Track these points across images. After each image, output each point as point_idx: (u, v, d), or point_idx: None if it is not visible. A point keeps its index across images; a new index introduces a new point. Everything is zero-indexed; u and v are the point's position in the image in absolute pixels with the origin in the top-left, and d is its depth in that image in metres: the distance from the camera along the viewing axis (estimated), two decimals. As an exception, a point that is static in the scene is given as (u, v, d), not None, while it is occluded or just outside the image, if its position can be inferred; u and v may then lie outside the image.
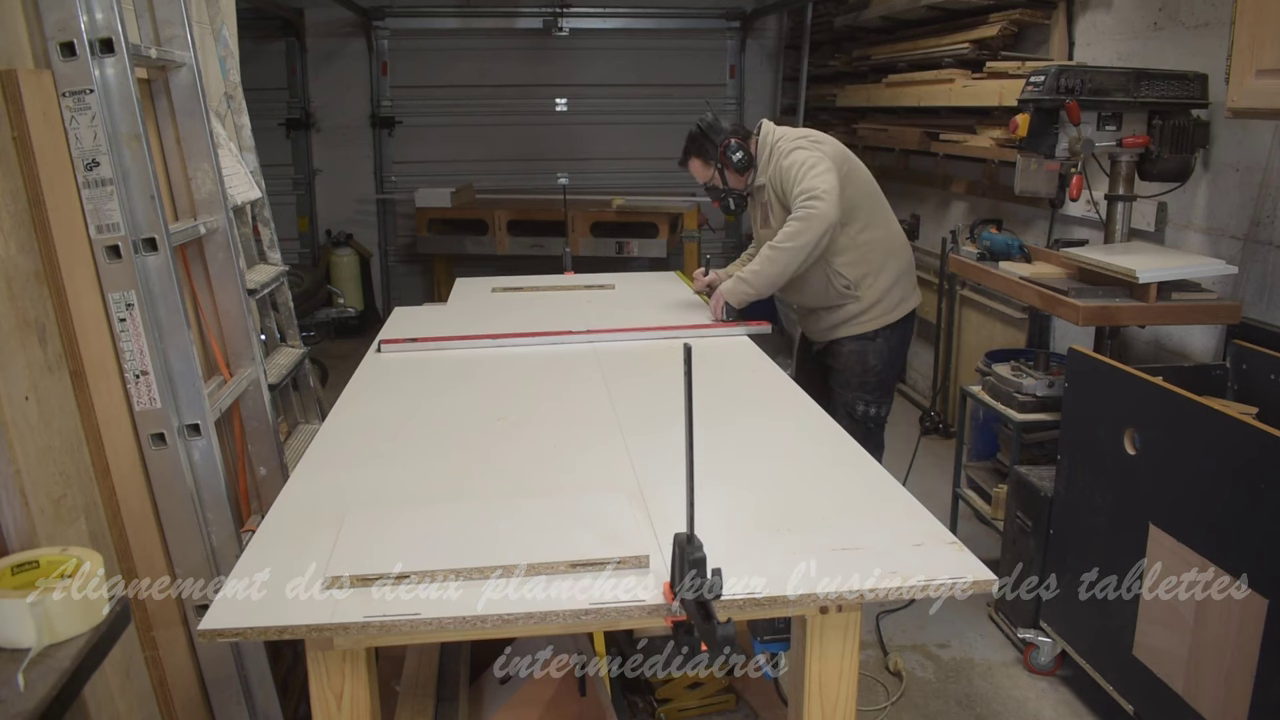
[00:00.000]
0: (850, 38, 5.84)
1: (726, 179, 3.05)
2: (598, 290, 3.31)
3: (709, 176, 3.06)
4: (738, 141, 2.99)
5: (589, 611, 1.30)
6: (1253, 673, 1.93)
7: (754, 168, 3.00)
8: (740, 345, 2.67)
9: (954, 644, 2.97)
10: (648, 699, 2.25)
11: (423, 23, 7.04)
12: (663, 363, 2.48)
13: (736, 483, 1.70)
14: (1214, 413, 2.06)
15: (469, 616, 1.29)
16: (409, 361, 2.56)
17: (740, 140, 3.00)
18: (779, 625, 1.71)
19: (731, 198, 3.08)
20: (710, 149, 3.01)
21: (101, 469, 1.86)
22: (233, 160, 2.55)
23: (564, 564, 1.38)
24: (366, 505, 1.62)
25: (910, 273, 3.08)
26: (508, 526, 1.49)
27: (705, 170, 3.06)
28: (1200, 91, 2.75)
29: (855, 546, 1.45)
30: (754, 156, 3.00)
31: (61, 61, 1.75)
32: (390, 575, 1.35)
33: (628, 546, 1.42)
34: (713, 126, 3.01)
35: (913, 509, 1.59)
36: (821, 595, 1.33)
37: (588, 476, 1.77)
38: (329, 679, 1.37)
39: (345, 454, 1.89)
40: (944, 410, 4.83)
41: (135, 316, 1.85)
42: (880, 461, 2.25)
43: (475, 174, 7.12)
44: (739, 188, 3.06)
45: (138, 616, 1.92)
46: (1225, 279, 2.77)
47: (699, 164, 3.06)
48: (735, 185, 3.06)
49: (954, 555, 1.42)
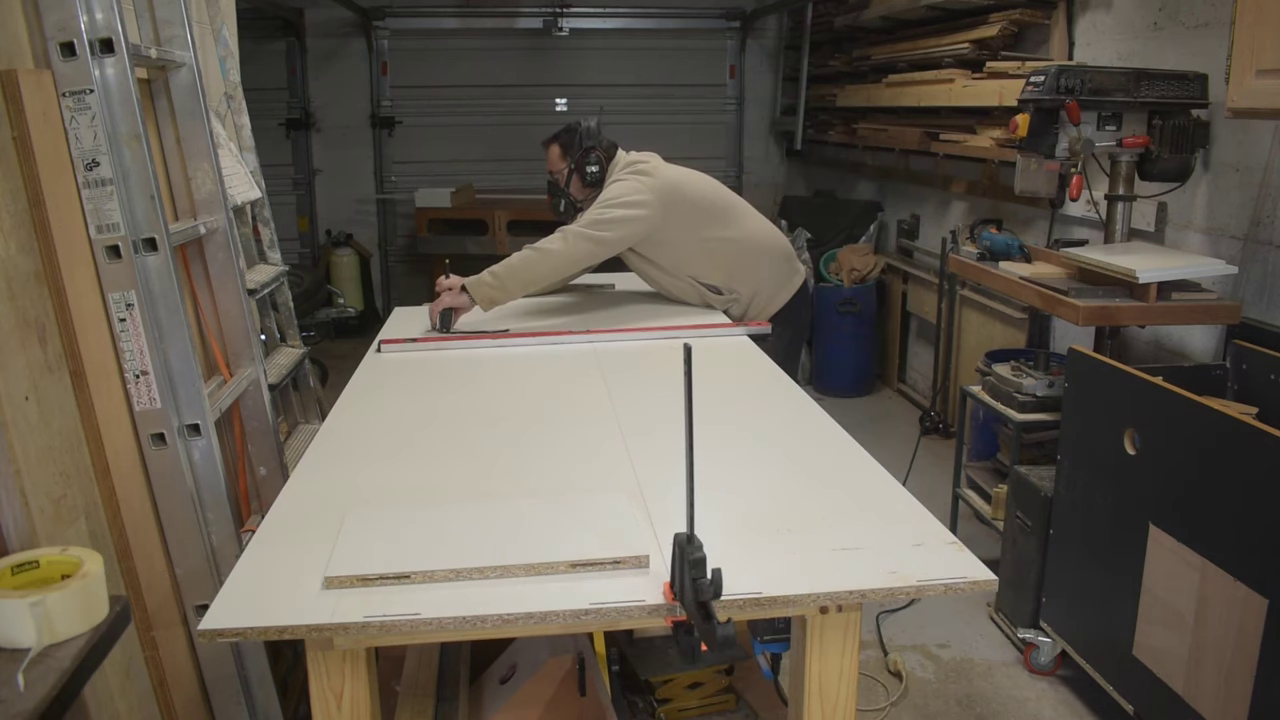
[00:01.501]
0: (850, 38, 5.84)
1: (571, 182, 3.00)
2: (597, 290, 3.31)
3: (559, 170, 3.00)
4: (599, 157, 2.94)
5: (589, 611, 1.29)
6: (1253, 673, 1.93)
7: (598, 190, 2.93)
8: (740, 345, 2.67)
9: (954, 644, 2.97)
10: (648, 699, 2.24)
11: (423, 23, 7.04)
12: (663, 362, 2.48)
13: (737, 483, 1.69)
14: (1214, 413, 2.06)
15: (469, 616, 1.28)
16: (409, 362, 2.55)
17: (603, 158, 2.95)
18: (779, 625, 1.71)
19: (565, 200, 3.03)
20: (574, 149, 2.95)
21: (101, 469, 1.86)
22: (233, 160, 2.55)
23: (564, 564, 1.38)
24: (366, 505, 1.61)
25: (787, 258, 3.06)
26: (508, 526, 1.49)
27: (559, 163, 2.99)
28: (1200, 91, 2.75)
29: (856, 546, 1.44)
30: (604, 182, 2.94)
31: (61, 61, 1.75)
32: (390, 575, 1.34)
33: (628, 546, 1.41)
34: (590, 131, 2.95)
35: (913, 509, 1.58)
36: (822, 595, 1.32)
37: (588, 476, 1.76)
38: (329, 679, 1.37)
39: (345, 454, 1.89)
40: (944, 410, 4.83)
41: (135, 316, 1.85)
42: None
43: (475, 174, 7.12)
44: (578, 198, 3.01)
45: (138, 616, 1.92)
46: (1225, 279, 2.77)
47: (557, 153, 2.99)
48: (575, 194, 3.01)
49: (954, 555, 1.42)
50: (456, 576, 1.35)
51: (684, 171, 2.99)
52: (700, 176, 3.02)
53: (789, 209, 6.38)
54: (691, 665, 1.23)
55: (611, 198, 2.81)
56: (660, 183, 2.85)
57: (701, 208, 2.91)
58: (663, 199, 2.82)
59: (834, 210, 6.00)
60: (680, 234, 2.88)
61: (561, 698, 1.99)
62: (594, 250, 2.79)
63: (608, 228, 2.77)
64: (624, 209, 2.78)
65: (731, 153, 7.46)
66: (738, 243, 2.96)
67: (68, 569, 1.43)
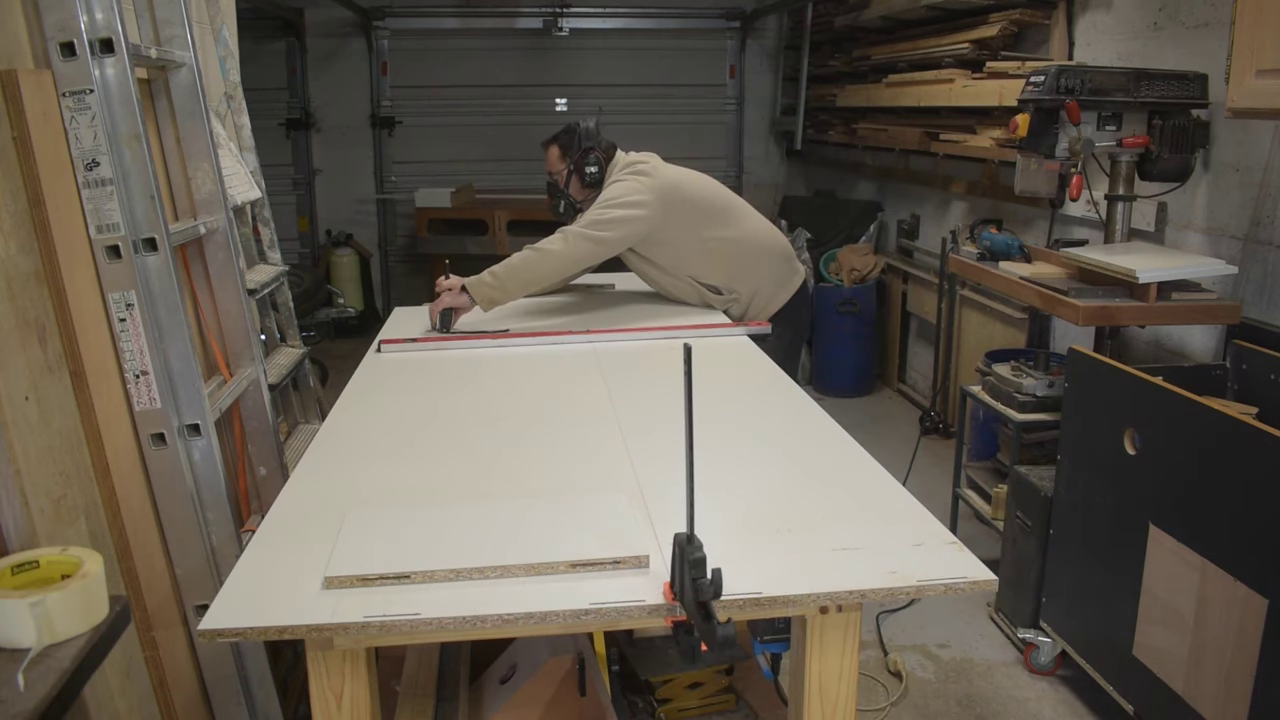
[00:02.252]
0: (850, 38, 5.84)
1: (570, 183, 3.00)
2: (597, 290, 3.31)
3: (559, 171, 3.00)
4: (598, 157, 2.94)
5: (589, 611, 1.29)
6: (1253, 673, 1.93)
7: (598, 191, 2.94)
8: (741, 345, 2.67)
9: (954, 644, 2.97)
10: (648, 699, 2.24)
11: (423, 23, 7.04)
12: (662, 362, 2.48)
13: (737, 483, 1.69)
14: (1214, 413, 2.06)
15: (469, 616, 1.28)
16: (409, 361, 2.55)
17: (603, 158, 2.96)
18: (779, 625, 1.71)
19: (564, 201, 3.04)
20: (574, 149, 2.96)
21: (101, 469, 1.86)
22: (233, 160, 2.55)
23: (564, 564, 1.38)
24: (366, 505, 1.61)
25: (786, 258, 3.07)
26: (508, 527, 1.49)
27: (559, 164, 3.00)
28: (1200, 91, 2.75)
29: (856, 546, 1.45)
30: (603, 182, 2.95)
31: (61, 61, 1.75)
32: (390, 575, 1.34)
33: (628, 547, 1.41)
34: (589, 132, 2.96)
35: (913, 509, 1.58)
36: (822, 595, 1.33)
37: (588, 477, 1.76)
38: (329, 679, 1.37)
39: (345, 454, 1.89)
40: (944, 410, 4.83)
41: (135, 316, 1.85)
42: None
43: (475, 174, 7.12)
44: (578, 199, 3.02)
45: (138, 616, 1.92)
46: (1225, 279, 2.77)
47: (556, 154, 2.99)
48: (575, 195, 3.02)
49: (954, 555, 1.42)
50: (456, 576, 1.35)
51: (683, 172, 2.99)
52: (700, 176, 3.02)
53: (789, 209, 6.38)
54: (692, 665, 1.23)
55: (611, 198, 2.81)
56: (660, 183, 2.85)
57: (701, 208, 2.91)
58: (662, 199, 2.82)
59: (834, 210, 6.00)
60: (680, 234, 2.88)
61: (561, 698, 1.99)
62: (594, 250, 2.79)
63: (608, 228, 2.77)
64: (624, 209, 2.79)
65: (731, 153, 7.46)
66: (737, 242, 2.96)
67: (68, 569, 1.43)
